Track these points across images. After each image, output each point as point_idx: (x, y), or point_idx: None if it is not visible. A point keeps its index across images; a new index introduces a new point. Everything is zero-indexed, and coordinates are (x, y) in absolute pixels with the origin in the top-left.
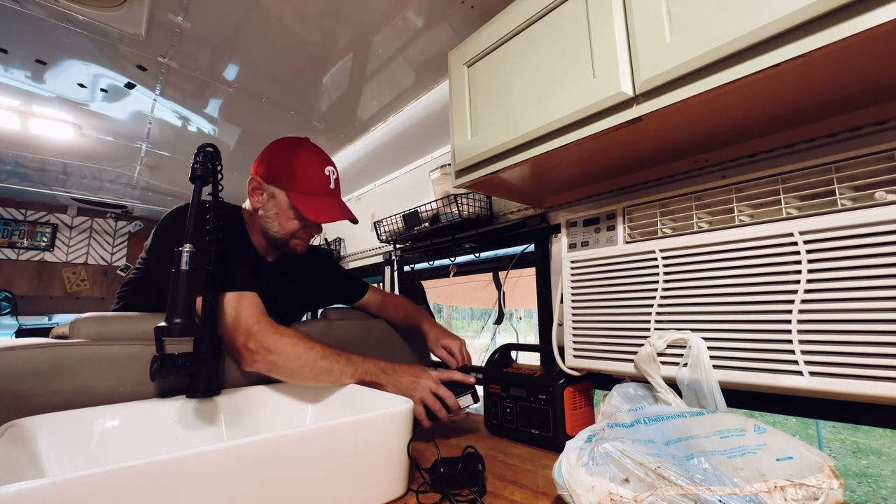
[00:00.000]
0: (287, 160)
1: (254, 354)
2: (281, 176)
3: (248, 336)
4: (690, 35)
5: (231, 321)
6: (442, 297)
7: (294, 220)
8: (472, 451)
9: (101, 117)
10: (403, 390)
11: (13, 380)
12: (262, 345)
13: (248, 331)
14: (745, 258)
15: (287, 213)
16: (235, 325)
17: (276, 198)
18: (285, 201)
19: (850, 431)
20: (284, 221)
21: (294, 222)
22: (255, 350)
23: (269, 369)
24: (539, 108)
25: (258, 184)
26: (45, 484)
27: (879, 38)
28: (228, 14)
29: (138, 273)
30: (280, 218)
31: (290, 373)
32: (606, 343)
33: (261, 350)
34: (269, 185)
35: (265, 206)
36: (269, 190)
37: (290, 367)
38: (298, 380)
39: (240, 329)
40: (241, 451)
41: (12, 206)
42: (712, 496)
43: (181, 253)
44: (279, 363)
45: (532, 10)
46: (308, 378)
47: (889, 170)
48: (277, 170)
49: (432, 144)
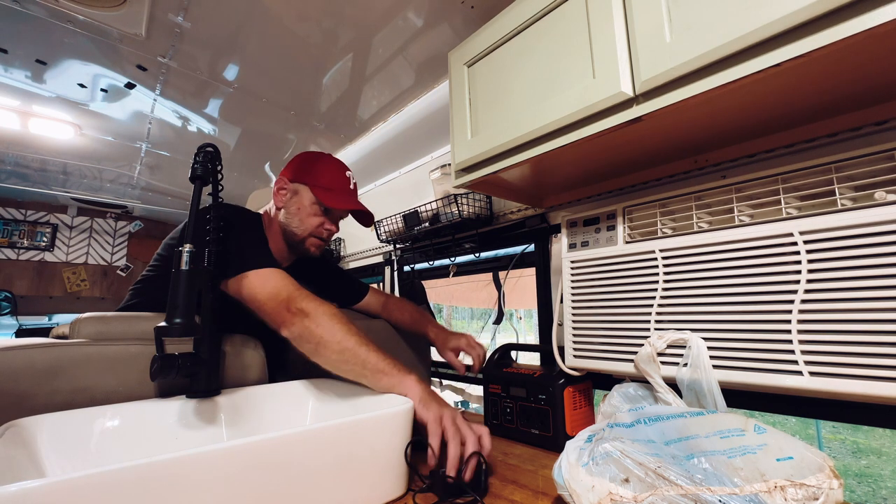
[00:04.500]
0: (311, 162)
1: (294, 316)
2: (305, 173)
3: (291, 300)
4: (690, 35)
5: (271, 289)
6: (442, 297)
7: (315, 215)
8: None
9: (101, 117)
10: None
11: (13, 380)
12: (302, 308)
13: (290, 295)
14: (745, 258)
15: (309, 209)
16: (277, 291)
17: (299, 193)
18: (309, 196)
19: (850, 431)
20: (305, 217)
21: (315, 218)
22: (295, 313)
23: (302, 334)
24: (539, 108)
25: (283, 184)
26: (45, 484)
27: (879, 38)
28: (228, 14)
29: (154, 270)
30: (301, 213)
31: (317, 342)
32: (606, 343)
33: (300, 313)
34: (293, 182)
35: (288, 204)
36: (293, 187)
37: (319, 336)
38: (323, 351)
39: (282, 294)
40: (241, 451)
41: (12, 206)
42: (712, 496)
43: (181, 253)
44: (311, 328)
45: (532, 11)
46: (331, 350)
47: (889, 170)
48: (302, 170)
49: (432, 144)
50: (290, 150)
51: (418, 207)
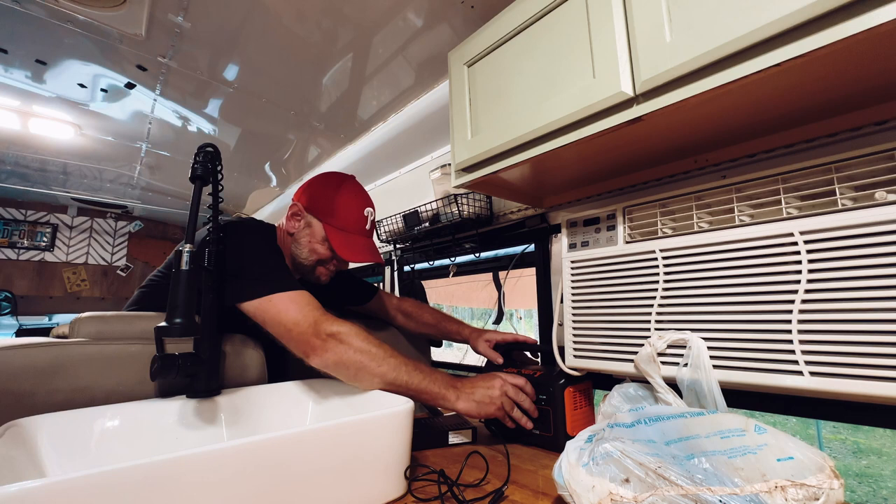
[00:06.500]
0: (330, 195)
1: (325, 343)
2: (321, 208)
3: (318, 325)
4: (691, 35)
5: (296, 315)
6: (442, 297)
7: (325, 252)
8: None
9: (101, 117)
10: (478, 403)
11: (13, 379)
12: (333, 333)
13: (316, 320)
14: (746, 258)
15: (319, 245)
16: (302, 317)
17: (312, 227)
18: (321, 233)
19: (850, 431)
20: (314, 252)
21: (324, 254)
22: (326, 339)
23: (339, 361)
24: (539, 107)
25: (298, 210)
26: (45, 484)
27: (879, 38)
28: (228, 14)
29: (164, 278)
30: (311, 247)
31: (357, 367)
32: (606, 343)
33: (331, 340)
34: (308, 213)
35: (300, 233)
36: (308, 219)
37: (358, 361)
38: (363, 376)
39: (308, 320)
40: (241, 451)
41: (12, 206)
42: (713, 496)
43: (181, 253)
44: (349, 354)
45: (532, 11)
46: (373, 375)
47: (889, 170)
48: (319, 201)
49: (432, 144)
50: (290, 150)
51: (418, 207)
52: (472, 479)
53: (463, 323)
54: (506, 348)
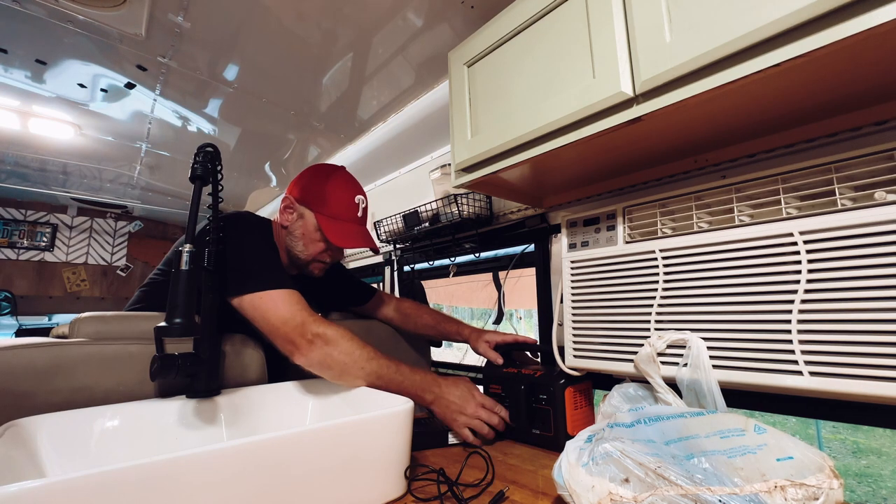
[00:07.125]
0: (320, 185)
1: (311, 344)
2: (312, 198)
3: (305, 325)
4: (690, 35)
5: (284, 313)
6: (442, 297)
7: (318, 241)
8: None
9: (101, 117)
10: (449, 413)
11: (13, 379)
12: (319, 333)
13: (304, 321)
14: (745, 258)
15: (312, 235)
16: (290, 316)
17: (304, 218)
18: (313, 223)
19: (850, 431)
20: (309, 243)
21: (318, 244)
22: (312, 340)
23: (323, 361)
24: (539, 107)
25: (290, 203)
26: (45, 484)
27: (879, 38)
28: (228, 14)
29: (163, 275)
30: (305, 238)
31: (341, 368)
32: (606, 343)
33: (318, 340)
34: (299, 205)
35: (293, 225)
36: (299, 210)
37: (342, 362)
38: (347, 377)
39: (296, 319)
40: (241, 451)
41: (12, 206)
42: (712, 496)
43: (181, 253)
44: (334, 355)
45: (532, 11)
46: (356, 376)
47: (889, 170)
48: (310, 192)
49: (432, 144)
50: (289, 150)
51: (418, 207)
52: (471, 479)
53: (462, 323)
54: (506, 349)
